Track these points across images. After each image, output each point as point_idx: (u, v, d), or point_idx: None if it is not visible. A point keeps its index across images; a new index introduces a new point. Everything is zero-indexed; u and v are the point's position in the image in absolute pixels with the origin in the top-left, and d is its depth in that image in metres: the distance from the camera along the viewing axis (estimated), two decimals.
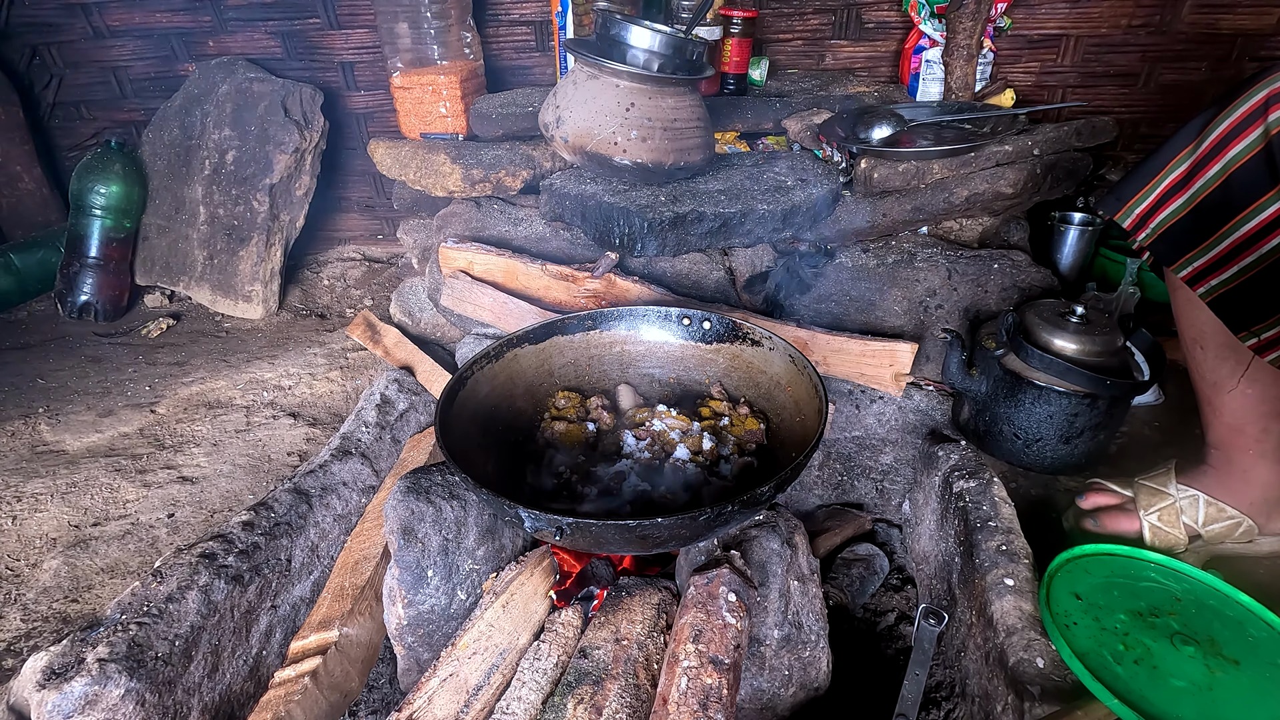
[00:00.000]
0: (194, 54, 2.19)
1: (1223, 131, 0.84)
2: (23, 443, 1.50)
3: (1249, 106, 0.82)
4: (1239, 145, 0.82)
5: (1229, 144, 0.83)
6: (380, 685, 1.04)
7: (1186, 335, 0.99)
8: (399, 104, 1.82)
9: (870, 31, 1.99)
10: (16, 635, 1.07)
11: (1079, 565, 0.89)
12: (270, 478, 1.40)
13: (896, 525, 1.29)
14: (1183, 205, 0.89)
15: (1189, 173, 0.88)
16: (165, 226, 2.09)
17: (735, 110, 1.75)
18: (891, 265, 1.43)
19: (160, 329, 1.99)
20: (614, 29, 1.34)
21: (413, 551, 0.92)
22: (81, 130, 2.34)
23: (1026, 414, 1.15)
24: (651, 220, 1.34)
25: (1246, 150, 0.82)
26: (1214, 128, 0.85)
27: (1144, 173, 0.93)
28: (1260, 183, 0.81)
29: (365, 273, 2.31)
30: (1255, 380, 0.93)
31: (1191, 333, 0.97)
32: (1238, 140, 0.83)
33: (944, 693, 0.98)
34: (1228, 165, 0.84)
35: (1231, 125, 0.83)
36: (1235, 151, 0.83)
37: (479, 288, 1.46)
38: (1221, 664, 0.76)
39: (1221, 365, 0.95)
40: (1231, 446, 0.98)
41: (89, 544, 1.23)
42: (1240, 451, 0.97)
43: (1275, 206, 0.80)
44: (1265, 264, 0.82)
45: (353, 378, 1.70)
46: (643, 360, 1.20)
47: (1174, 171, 0.90)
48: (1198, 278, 0.89)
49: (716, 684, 0.73)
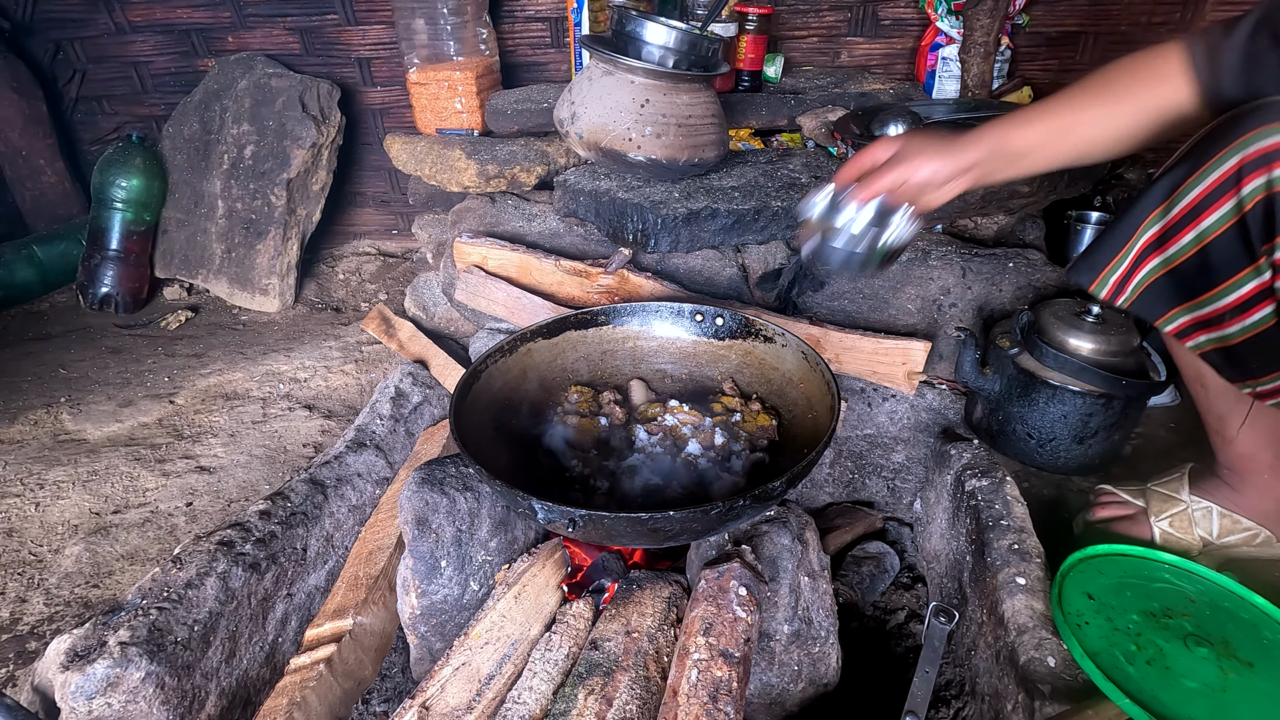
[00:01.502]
0: (213, 49, 2.22)
1: (1194, 200, 0.80)
2: (45, 431, 1.53)
3: (1221, 174, 0.77)
4: (1211, 217, 0.79)
5: (1201, 214, 0.80)
6: (393, 674, 1.06)
7: (1186, 373, 0.97)
8: (415, 100, 1.84)
9: (886, 28, 1.99)
10: (40, 619, 1.10)
11: (1092, 565, 0.89)
12: (286, 468, 1.42)
13: (907, 524, 1.29)
14: (1159, 266, 0.86)
15: (1161, 236, 0.84)
16: (184, 220, 2.12)
17: (750, 107, 1.75)
18: (905, 263, 1.43)
19: (179, 321, 2.02)
20: (629, 25, 1.34)
21: (427, 542, 0.93)
22: (103, 125, 2.38)
23: (1040, 413, 1.14)
24: (665, 216, 1.34)
25: (1220, 223, 0.78)
26: (1184, 194, 0.81)
27: (1115, 239, 0.90)
28: (1237, 258, 0.78)
29: (380, 267, 2.33)
30: (1260, 419, 0.92)
31: (1190, 372, 0.96)
32: (1210, 211, 0.79)
33: (953, 691, 0.98)
34: (1201, 236, 0.80)
35: (1203, 194, 0.79)
36: (1208, 223, 0.79)
37: (493, 283, 1.47)
38: (1235, 666, 0.76)
39: (1224, 402, 0.94)
40: (1245, 470, 0.97)
41: (109, 531, 1.25)
42: (1255, 474, 0.96)
43: (1254, 283, 0.77)
44: (1251, 334, 0.79)
45: (367, 371, 1.72)
46: (655, 356, 1.21)
47: (1146, 233, 0.86)
48: (1184, 334, 0.86)
49: (726, 677, 0.74)
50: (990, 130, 0.92)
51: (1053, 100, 0.91)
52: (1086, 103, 0.88)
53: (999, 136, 0.91)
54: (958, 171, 0.92)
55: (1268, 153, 0.73)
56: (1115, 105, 0.87)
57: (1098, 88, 0.88)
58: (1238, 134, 0.76)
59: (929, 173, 0.92)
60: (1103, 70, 0.89)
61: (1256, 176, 0.74)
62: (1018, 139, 0.91)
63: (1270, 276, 0.75)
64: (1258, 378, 0.82)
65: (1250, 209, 0.75)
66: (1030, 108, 0.92)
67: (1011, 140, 0.91)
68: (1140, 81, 0.86)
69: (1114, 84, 0.87)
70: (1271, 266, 0.75)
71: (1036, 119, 0.91)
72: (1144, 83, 0.86)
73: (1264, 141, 0.73)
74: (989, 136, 0.91)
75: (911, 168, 0.92)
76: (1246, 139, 0.75)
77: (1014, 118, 0.92)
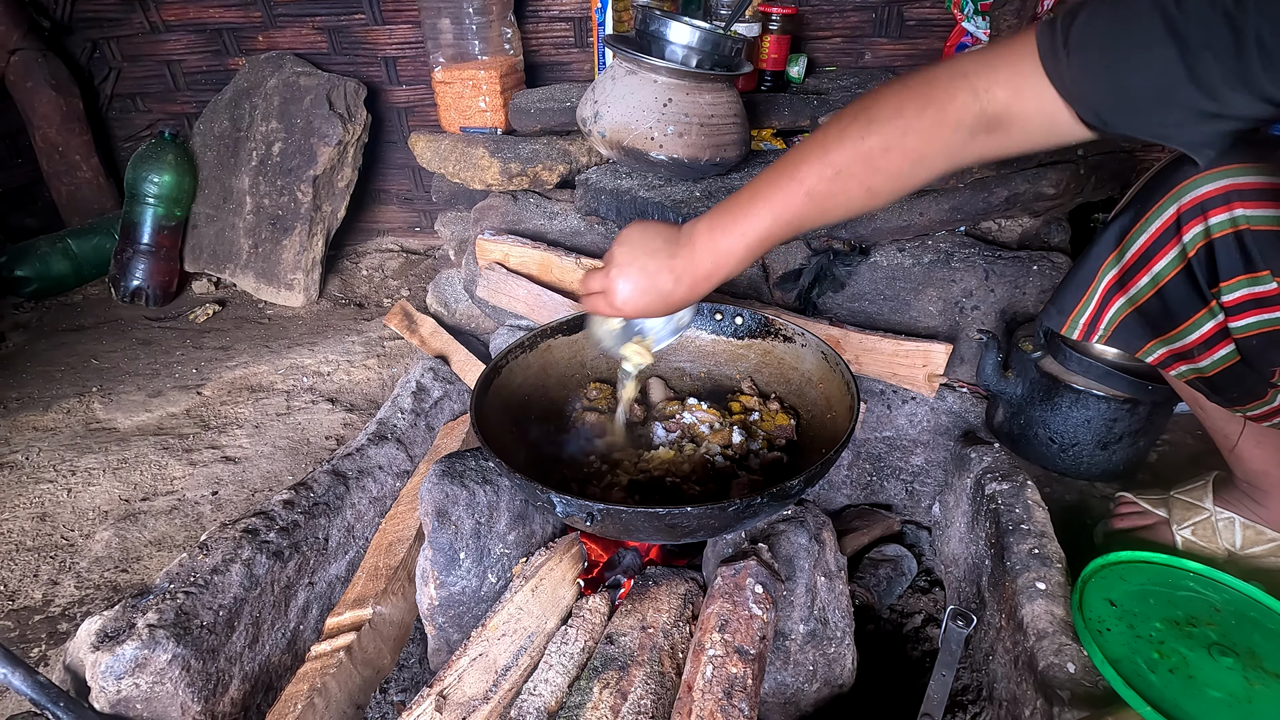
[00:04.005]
0: (244, 48, 2.26)
1: (1142, 246, 0.82)
2: (77, 420, 1.57)
3: (1162, 223, 0.79)
4: (1160, 262, 0.80)
5: (1151, 259, 0.81)
6: (410, 664, 1.07)
7: (1184, 395, 0.97)
8: (439, 98, 1.86)
9: (911, 29, 1.97)
10: (71, 601, 1.13)
11: (1114, 572, 0.88)
12: (309, 460, 1.44)
13: (926, 527, 1.28)
14: (1125, 304, 0.87)
15: (1120, 279, 0.86)
16: (213, 215, 2.16)
17: (772, 107, 1.75)
18: (927, 265, 1.41)
19: (207, 314, 2.06)
20: (653, 25, 1.35)
21: (446, 534, 0.94)
22: (137, 121, 2.43)
23: (1063, 418, 1.13)
24: (685, 216, 1.35)
25: (1169, 268, 0.80)
26: (1133, 240, 0.82)
27: (1077, 282, 0.91)
28: (1190, 301, 0.79)
29: (403, 264, 2.35)
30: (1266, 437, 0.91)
31: (1187, 395, 0.96)
32: (1158, 257, 0.80)
33: (970, 696, 0.97)
34: (1156, 279, 0.81)
35: (1149, 241, 0.81)
36: (1159, 268, 0.81)
37: (514, 280, 1.48)
38: (1262, 677, 0.74)
39: (1227, 424, 0.93)
40: (1262, 484, 0.96)
41: (138, 518, 1.28)
42: (1274, 488, 0.95)
43: (1211, 324, 0.78)
44: (1221, 368, 0.81)
45: (389, 366, 1.74)
46: (674, 354, 1.21)
47: (1105, 277, 0.87)
48: (1165, 364, 0.88)
49: (741, 674, 0.74)
50: (709, 236, 0.78)
51: (815, 171, 0.71)
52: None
53: (714, 248, 0.78)
54: (663, 305, 0.82)
55: (1202, 201, 0.74)
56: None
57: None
58: (1174, 182, 0.77)
59: (631, 308, 0.83)
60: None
61: (1195, 225, 0.75)
62: (741, 247, 0.77)
63: (1223, 318, 0.77)
64: (1241, 405, 0.84)
65: (1193, 255, 0.76)
66: (783, 183, 0.73)
67: (733, 254, 0.78)
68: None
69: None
70: (1223, 309, 0.76)
71: (778, 205, 0.73)
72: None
73: (1197, 190, 0.75)
74: (705, 252, 0.79)
75: (617, 302, 0.82)
76: (1181, 188, 0.76)
77: (753, 206, 0.75)
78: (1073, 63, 0.59)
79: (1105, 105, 0.60)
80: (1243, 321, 0.75)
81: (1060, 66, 0.59)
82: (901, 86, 0.68)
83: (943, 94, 0.65)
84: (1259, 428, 0.89)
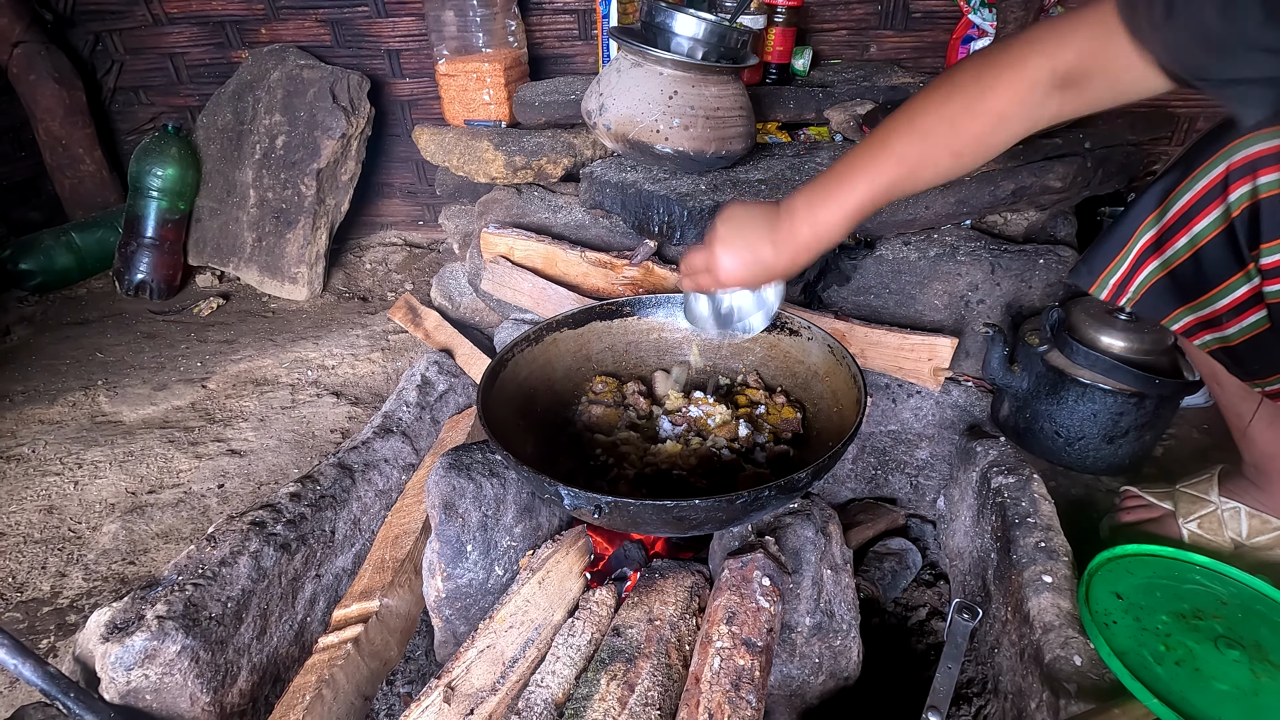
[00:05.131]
0: (247, 41, 2.25)
1: (1184, 205, 0.81)
2: (83, 413, 1.57)
3: (1209, 181, 0.78)
4: (1202, 223, 0.80)
5: (1192, 219, 0.81)
6: (417, 657, 1.08)
7: (1202, 371, 0.97)
8: (443, 91, 1.85)
9: (917, 21, 1.96)
10: (79, 593, 1.13)
11: (1120, 565, 0.88)
12: (314, 453, 1.44)
13: (930, 521, 1.28)
14: (1159, 268, 0.87)
15: (1157, 240, 0.85)
16: (217, 209, 2.16)
17: (777, 100, 1.74)
18: (933, 259, 1.41)
19: (211, 308, 2.06)
20: (658, 16, 1.34)
21: (453, 526, 0.95)
22: (140, 115, 2.43)
23: (1069, 412, 1.13)
24: (691, 209, 1.34)
25: (1209, 229, 0.79)
26: (1176, 199, 0.82)
27: (1112, 243, 0.90)
28: (1228, 264, 0.79)
29: (406, 257, 2.35)
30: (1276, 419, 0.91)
31: (1205, 370, 0.96)
32: (1200, 217, 0.80)
33: (975, 689, 0.98)
34: (1194, 240, 0.81)
35: (1192, 200, 0.80)
36: (1199, 228, 0.80)
37: (518, 273, 1.48)
38: (1268, 669, 0.74)
39: (1243, 402, 0.93)
40: (1270, 469, 0.96)
41: (145, 510, 1.29)
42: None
43: (1245, 288, 0.78)
44: (1249, 335, 0.80)
45: (393, 359, 1.74)
46: (680, 347, 1.21)
47: (1142, 238, 0.87)
48: (1190, 333, 0.87)
49: (749, 665, 0.74)
50: (808, 208, 0.84)
51: (902, 137, 0.77)
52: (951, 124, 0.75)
53: (814, 219, 0.83)
54: (765, 274, 0.89)
55: (1252, 160, 0.74)
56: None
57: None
58: (1225, 140, 0.76)
59: (733, 278, 0.90)
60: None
61: (1242, 184, 0.75)
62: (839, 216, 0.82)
63: (1259, 282, 0.76)
64: (1262, 378, 0.83)
65: (1237, 215, 0.76)
66: (876, 151, 0.79)
67: (830, 223, 0.83)
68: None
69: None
70: (1260, 272, 0.76)
71: (872, 171, 0.79)
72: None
73: (1249, 149, 0.74)
74: (804, 223, 0.84)
75: (719, 273, 0.89)
76: (1233, 146, 0.76)
77: (848, 174, 0.81)
78: (1155, 10, 0.60)
79: (1191, 55, 0.61)
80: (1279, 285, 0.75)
81: (1139, 17, 0.61)
82: (980, 56, 0.74)
83: (1018, 56, 0.70)
84: (1273, 407, 0.88)
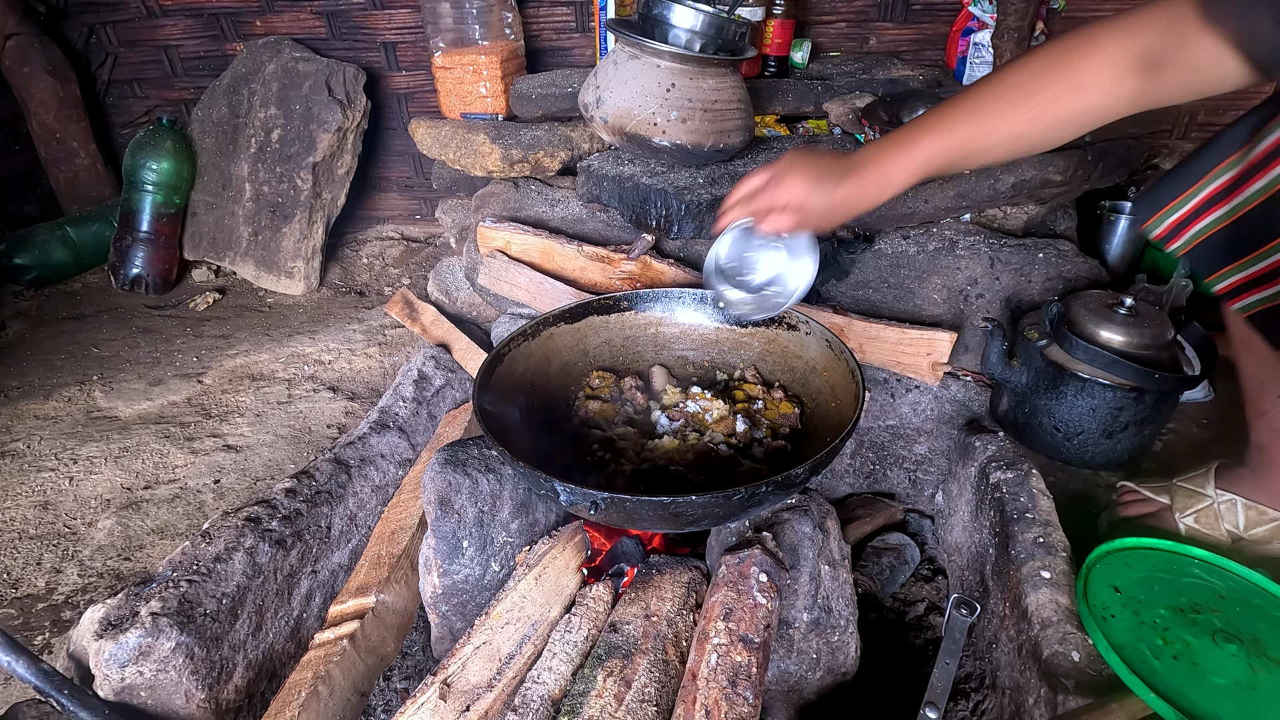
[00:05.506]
0: (242, 33, 2.23)
1: (1272, 143, 0.76)
2: (78, 408, 1.57)
3: None
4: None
5: (1273, 162, 0.76)
6: (413, 652, 1.07)
7: (1235, 335, 0.95)
8: (440, 84, 1.84)
9: (917, 13, 1.95)
10: (74, 589, 1.13)
11: (1119, 559, 0.88)
12: (310, 448, 1.44)
13: (929, 516, 1.28)
14: (1224, 216, 0.82)
15: (1236, 181, 0.80)
16: (212, 203, 2.15)
17: (776, 93, 1.73)
18: (932, 253, 1.40)
19: (207, 303, 2.05)
20: (656, 8, 1.33)
21: (449, 522, 0.94)
22: (134, 108, 2.41)
23: (1068, 406, 1.13)
24: (689, 202, 1.33)
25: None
26: (1267, 134, 0.76)
27: (1183, 178, 0.86)
28: None
29: (403, 252, 2.34)
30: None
31: (1239, 334, 0.94)
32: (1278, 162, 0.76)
33: (973, 684, 0.98)
34: (1271, 183, 0.76)
35: (1276, 142, 0.75)
36: (1278, 171, 0.75)
37: (515, 267, 1.48)
38: (1265, 664, 0.74)
39: (1268, 370, 0.92)
40: (1275, 449, 0.95)
41: (140, 506, 1.28)
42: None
43: None
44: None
45: (390, 354, 1.73)
46: (677, 342, 1.21)
47: (1218, 179, 0.82)
48: (1234, 293, 0.84)
49: (746, 662, 0.74)
50: (876, 157, 0.87)
51: (978, 97, 0.81)
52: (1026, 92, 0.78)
53: (883, 168, 0.86)
54: (826, 204, 0.89)
55: None
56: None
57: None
58: None
59: (797, 198, 0.89)
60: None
61: None
62: (904, 172, 0.85)
63: None
64: None
65: None
66: (951, 110, 0.82)
67: (894, 178, 0.86)
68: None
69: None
70: None
71: (944, 130, 0.83)
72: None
73: None
74: (874, 168, 0.86)
75: (781, 191, 0.89)
76: None
77: (922, 130, 0.84)
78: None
79: (1272, 37, 0.62)
80: None
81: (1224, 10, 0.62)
82: (1056, 39, 0.75)
83: (1098, 33, 0.71)
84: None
